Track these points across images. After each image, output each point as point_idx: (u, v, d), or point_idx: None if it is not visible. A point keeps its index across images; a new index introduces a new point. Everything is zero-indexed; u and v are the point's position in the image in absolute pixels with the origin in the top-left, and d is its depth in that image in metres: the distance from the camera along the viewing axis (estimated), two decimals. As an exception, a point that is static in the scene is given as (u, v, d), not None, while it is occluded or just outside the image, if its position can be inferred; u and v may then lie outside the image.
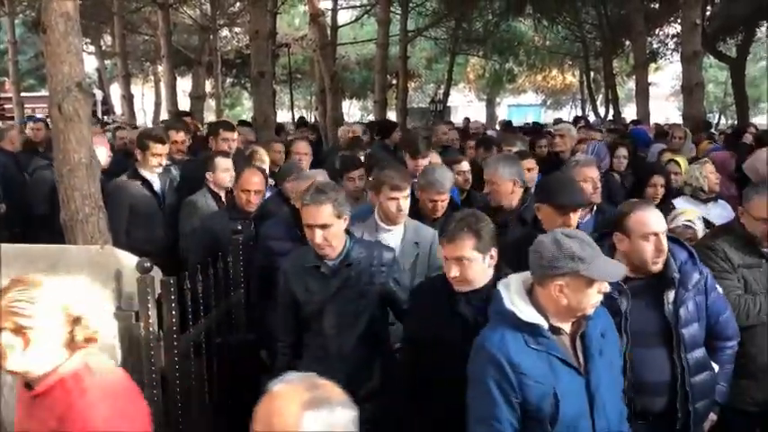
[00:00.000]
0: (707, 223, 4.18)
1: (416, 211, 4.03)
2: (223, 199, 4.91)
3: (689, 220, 3.95)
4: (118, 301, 3.10)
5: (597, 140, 7.30)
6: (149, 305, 3.05)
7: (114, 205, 4.56)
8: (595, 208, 4.19)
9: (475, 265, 2.65)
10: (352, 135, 8.17)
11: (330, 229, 2.94)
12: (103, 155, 5.27)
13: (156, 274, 3.14)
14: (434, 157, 5.36)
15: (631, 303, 2.81)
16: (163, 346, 3.13)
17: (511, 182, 4.20)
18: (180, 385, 3.26)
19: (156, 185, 5.06)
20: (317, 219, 2.93)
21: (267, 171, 5.17)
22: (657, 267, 2.84)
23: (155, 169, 5.03)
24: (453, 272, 2.65)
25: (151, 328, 3.06)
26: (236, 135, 5.98)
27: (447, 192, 4.10)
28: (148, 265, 3.05)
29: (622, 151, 6.41)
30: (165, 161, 5.11)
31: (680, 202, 4.89)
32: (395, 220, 3.67)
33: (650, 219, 2.84)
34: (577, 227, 3.81)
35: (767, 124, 8.77)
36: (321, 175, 4.16)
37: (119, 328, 3.06)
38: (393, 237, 3.67)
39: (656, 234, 2.80)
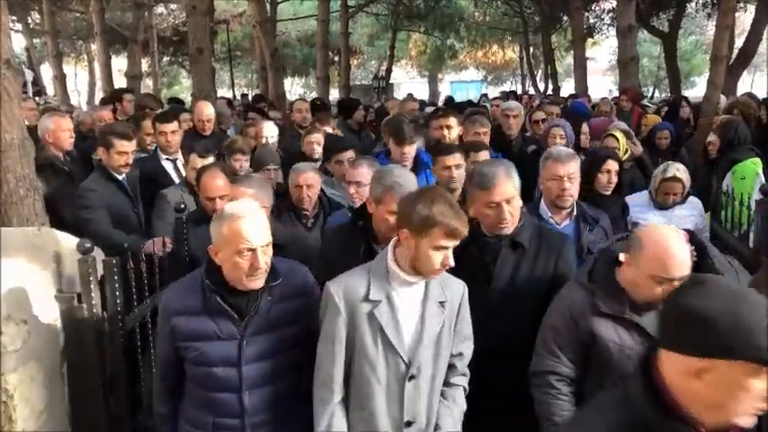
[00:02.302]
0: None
1: (366, 230, 3.01)
2: None
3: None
4: (58, 283, 3.03)
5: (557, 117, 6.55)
6: (92, 287, 2.98)
7: (94, 209, 4.25)
8: (574, 210, 3.52)
9: None
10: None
11: None
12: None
13: (98, 254, 3.07)
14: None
15: None
16: (107, 328, 3.07)
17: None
18: (126, 367, 3.20)
19: (128, 187, 4.61)
20: None
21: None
22: None
23: (121, 169, 4.53)
24: None
25: (95, 310, 2.99)
26: (173, 126, 5.33)
27: None
28: (89, 245, 2.98)
29: (585, 128, 6.03)
30: (132, 159, 4.63)
31: (637, 201, 4.37)
32: (431, 274, 2.44)
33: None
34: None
35: (702, 97, 9.12)
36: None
37: (60, 311, 3.00)
38: (412, 295, 2.47)
39: None
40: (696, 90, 29.86)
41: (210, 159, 4.63)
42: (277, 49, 15.30)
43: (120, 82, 17.68)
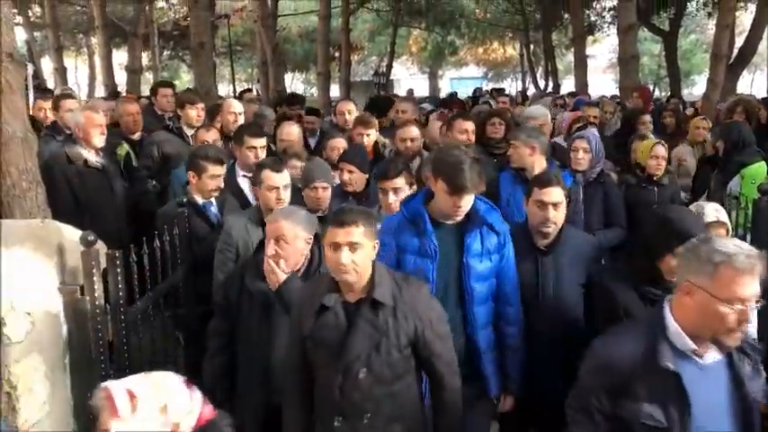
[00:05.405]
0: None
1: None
2: None
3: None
4: (61, 275, 3.05)
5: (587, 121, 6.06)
6: (95, 279, 3.00)
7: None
8: None
9: None
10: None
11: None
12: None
13: (101, 247, 3.09)
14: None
15: None
16: (110, 320, 3.10)
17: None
18: (128, 358, 3.23)
19: (212, 214, 4.13)
20: None
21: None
22: None
23: (212, 194, 4.13)
24: None
25: (97, 302, 3.02)
26: (264, 142, 4.67)
27: None
28: (92, 238, 3.00)
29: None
30: (222, 183, 4.17)
31: None
32: None
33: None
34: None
35: (701, 96, 9.18)
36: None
37: (63, 302, 3.02)
38: None
39: None
40: (696, 89, 29.89)
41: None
42: (278, 44, 15.32)
43: (120, 76, 17.69)
